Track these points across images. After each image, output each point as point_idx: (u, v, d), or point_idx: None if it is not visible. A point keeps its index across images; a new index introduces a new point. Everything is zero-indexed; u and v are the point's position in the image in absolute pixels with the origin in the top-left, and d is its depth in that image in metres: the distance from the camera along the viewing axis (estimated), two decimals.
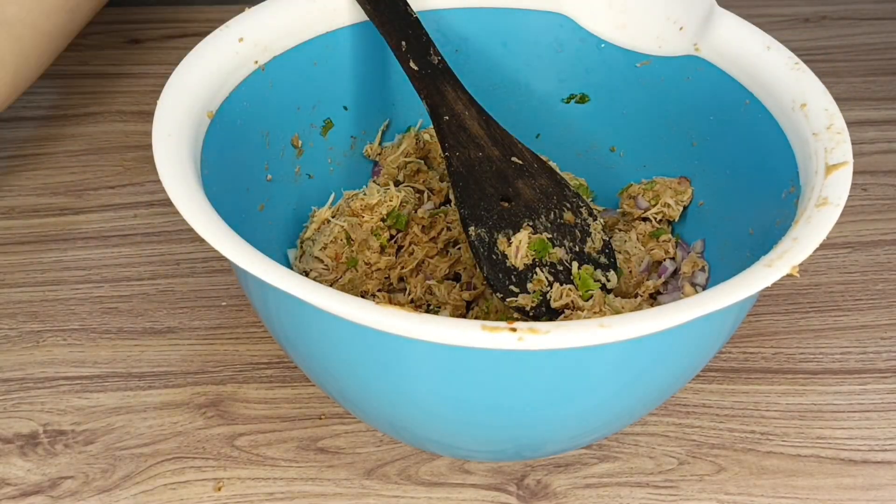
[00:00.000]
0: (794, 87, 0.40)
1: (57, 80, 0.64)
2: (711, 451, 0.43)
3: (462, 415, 0.35)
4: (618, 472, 0.42)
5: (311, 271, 0.45)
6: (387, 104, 0.49)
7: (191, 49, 0.40)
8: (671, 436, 0.43)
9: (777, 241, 0.33)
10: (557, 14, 0.47)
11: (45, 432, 0.43)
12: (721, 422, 0.44)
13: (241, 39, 0.41)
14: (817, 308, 0.49)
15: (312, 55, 0.45)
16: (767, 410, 0.45)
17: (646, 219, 0.47)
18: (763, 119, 0.41)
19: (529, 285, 0.41)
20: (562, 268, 0.42)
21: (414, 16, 0.45)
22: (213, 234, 0.32)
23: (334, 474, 0.42)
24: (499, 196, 0.43)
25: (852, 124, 0.46)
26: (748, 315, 0.48)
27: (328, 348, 0.34)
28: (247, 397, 0.45)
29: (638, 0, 0.45)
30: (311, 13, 0.44)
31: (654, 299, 0.45)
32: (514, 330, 0.29)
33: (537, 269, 0.42)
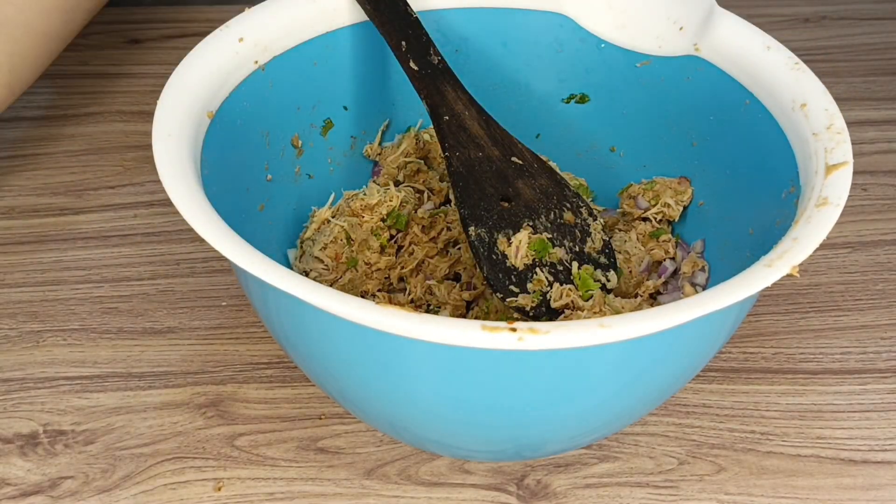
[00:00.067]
0: (794, 87, 0.40)
1: (57, 80, 0.64)
2: (711, 451, 0.43)
3: (462, 415, 0.35)
4: (618, 472, 0.42)
5: (311, 271, 0.45)
6: (387, 104, 0.49)
7: (191, 49, 0.40)
8: (671, 436, 0.43)
9: (777, 241, 0.33)
10: (557, 14, 0.47)
11: (45, 432, 0.43)
12: (721, 422, 0.44)
13: (241, 39, 0.41)
14: (817, 308, 0.49)
15: (312, 55, 0.45)
16: (767, 410, 0.45)
17: (646, 219, 0.47)
18: (763, 119, 0.41)
19: (529, 285, 0.41)
20: (562, 268, 0.42)
21: (414, 16, 0.45)
22: (213, 234, 0.32)
23: (334, 474, 0.42)
24: (499, 196, 0.43)
25: (852, 124, 0.46)
26: (748, 315, 0.48)
27: (328, 348, 0.34)
28: (247, 397, 0.45)
29: (638, 0, 0.45)
30: (311, 13, 0.44)
31: (654, 299, 0.45)
32: (514, 330, 0.29)
33: (537, 269, 0.42)
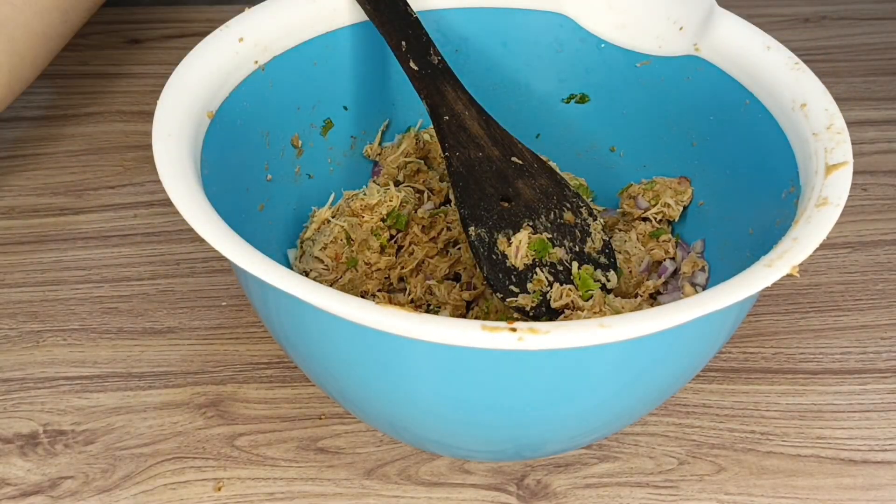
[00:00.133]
0: (794, 87, 0.40)
1: (57, 80, 0.64)
2: (711, 451, 0.43)
3: (462, 415, 0.35)
4: (618, 472, 0.42)
5: (311, 271, 0.45)
6: (387, 104, 0.49)
7: (191, 49, 0.40)
8: (671, 436, 0.43)
9: (777, 241, 0.33)
10: (557, 14, 0.47)
11: (45, 432, 0.43)
12: (721, 422, 0.44)
13: (241, 39, 0.41)
14: (817, 308, 0.49)
15: (312, 55, 0.45)
16: (767, 410, 0.45)
17: (646, 219, 0.47)
18: (763, 119, 0.41)
19: (529, 285, 0.41)
20: (562, 268, 0.42)
21: (414, 16, 0.45)
22: (213, 234, 0.32)
23: (334, 474, 0.42)
24: (499, 196, 0.43)
25: (852, 124, 0.46)
26: (748, 315, 0.48)
27: (328, 348, 0.34)
28: (247, 397, 0.45)
29: (638, 0, 0.45)
30: (311, 13, 0.44)
31: (654, 299, 0.45)
32: (514, 330, 0.29)
33: (537, 269, 0.42)
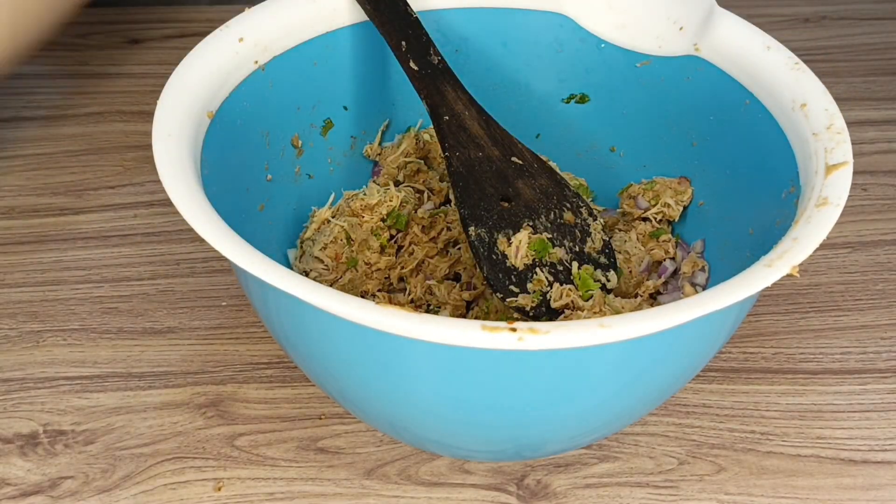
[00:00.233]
0: (794, 87, 0.40)
1: (57, 80, 0.65)
2: (711, 451, 0.43)
3: (462, 415, 0.35)
4: (618, 472, 0.42)
5: (311, 271, 0.45)
6: (387, 104, 0.49)
7: (191, 49, 0.40)
8: (671, 436, 0.43)
9: (777, 241, 0.33)
10: (557, 14, 0.47)
11: (45, 432, 0.43)
12: (721, 422, 0.44)
13: (241, 39, 0.41)
14: (817, 308, 0.49)
15: (312, 55, 0.45)
16: (767, 410, 0.45)
17: (646, 219, 0.47)
18: (763, 119, 0.41)
19: (529, 285, 0.41)
20: (562, 268, 0.42)
21: (414, 16, 0.45)
22: (213, 234, 0.32)
23: (334, 474, 0.42)
24: (499, 196, 0.43)
25: (852, 124, 0.46)
26: (748, 315, 0.48)
27: (328, 348, 0.34)
28: (247, 397, 0.45)
29: (638, 0, 0.45)
30: (311, 13, 0.44)
31: (654, 299, 0.45)
32: (514, 330, 0.29)
33: (537, 269, 0.42)
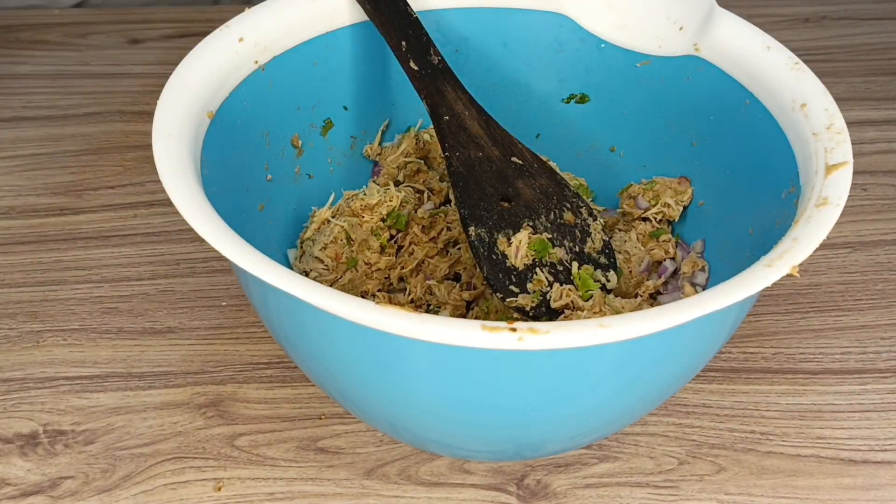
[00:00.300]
0: (794, 87, 0.40)
1: (57, 80, 0.65)
2: (711, 451, 0.43)
3: (462, 415, 0.35)
4: (618, 472, 0.42)
5: (311, 271, 0.45)
6: (387, 104, 0.49)
7: (191, 49, 0.40)
8: (671, 436, 0.43)
9: (777, 241, 0.33)
10: (557, 14, 0.47)
11: (45, 432, 0.43)
12: (721, 422, 0.44)
13: (241, 39, 0.41)
14: (817, 308, 0.49)
15: (312, 55, 0.45)
16: (767, 410, 0.45)
17: (646, 219, 0.47)
18: (763, 119, 0.41)
19: (529, 285, 0.41)
20: (562, 268, 0.42)
21: (414, 16, 0.45)
22: (213, 234, 0.32)
23: (334, 474, 0.42)
24: (499, 196, 0.43)
25: (852, 124, 0.46)
26: (748, 315, 0.48)
27: (328, 348, 0.34)
28: (247, 397, 0.45)
29: (638, 0, 0.45)
30: (311, 13, 0.44)
31: (654, 299, 0.45)
32: (514, 330, 0.29)
33: (537, 270, 0.42)
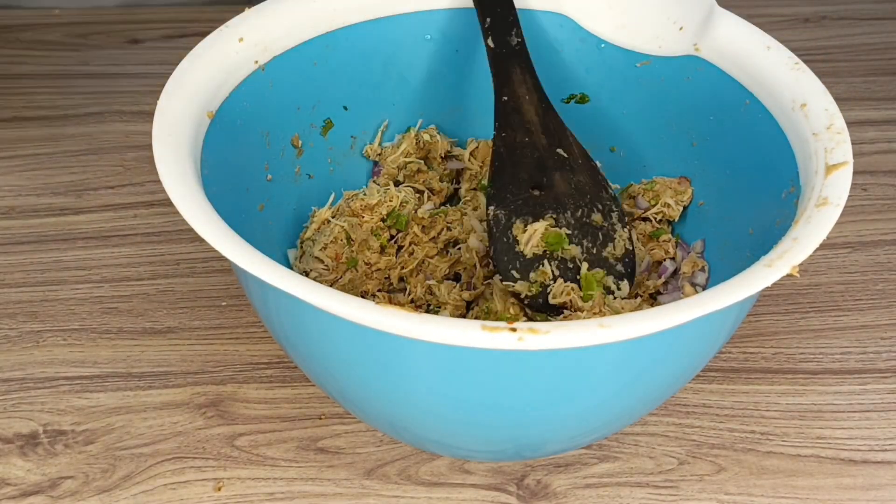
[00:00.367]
0: (794, 87, 0.40)
1: (57, 79, 0.65)
2: (711, 451, 0.43)
3: (462, 415, 0.35)
4: (618, 472, 0.42)
5: (311, 271, 0.45)
6: (387, 104, 0.49)
7: (191, 49, 0.40)
8: (671, 436, 0.43)
9: (777, 241, 0.33)
10: (557, 14, 0.47)
11: (45, 432, 0.43)
12: (721, 422, 0.44)
13: (241, 39, 0.41)
14: (817, 308, 0.49)
15: (312, 55, 0.45)
16: (767, 410, 0.45)
17: (646, 219, 0.47)
18: (763, 119, 0.41)
19: (533, 275, 0.41)
20: (572, 265, 0.42)
21: None
22: (213, 234, 0.32)
23: (334, 474, 0.42)
24: (531, 183, 0.43)
25: (852, 124, 0.46)
26: (748, 315, 0.48)
27: (328, 348, 0.34)
28: (247, 397, 0.45)
29: (638, 0, 0.45)
30: (311, 13, 0.44)
31: (654, 299, 0.45)
32: (514, 330, 0.29)
33: (545, 261, 0.42)
